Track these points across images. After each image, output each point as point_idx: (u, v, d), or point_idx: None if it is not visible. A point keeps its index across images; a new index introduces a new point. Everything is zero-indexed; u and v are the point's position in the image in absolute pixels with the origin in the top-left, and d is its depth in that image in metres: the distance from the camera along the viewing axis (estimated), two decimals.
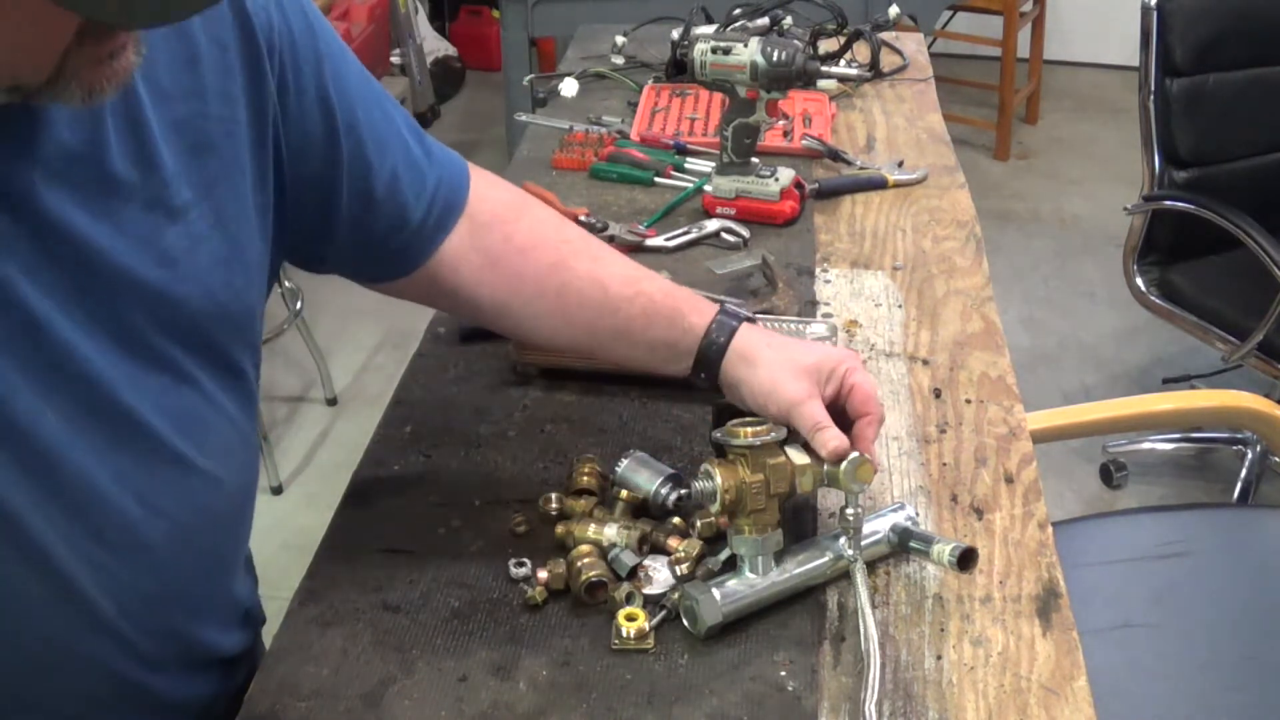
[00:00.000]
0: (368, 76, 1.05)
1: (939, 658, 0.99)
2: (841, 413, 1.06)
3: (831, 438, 1.03)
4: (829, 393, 1.06)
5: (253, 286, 0.97)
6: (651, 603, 1.03)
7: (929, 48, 2.46)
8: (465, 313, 1.21)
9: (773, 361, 1.08)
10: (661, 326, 1.12)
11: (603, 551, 1.06)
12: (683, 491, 1.09)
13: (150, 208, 0.86)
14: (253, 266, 0.96)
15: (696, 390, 1.13)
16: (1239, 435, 2.84)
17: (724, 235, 1.64)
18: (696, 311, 1.13)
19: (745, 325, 1.12)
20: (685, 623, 1.01)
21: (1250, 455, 2.78)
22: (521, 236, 1.14)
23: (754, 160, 1.69)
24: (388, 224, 1.07)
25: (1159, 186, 2.57)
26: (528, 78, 2.45)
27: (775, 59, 1.59)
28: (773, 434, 1.02)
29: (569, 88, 2.11)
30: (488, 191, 1.15)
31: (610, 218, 1.66)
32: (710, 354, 1.10)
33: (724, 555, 1.04)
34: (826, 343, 1.25)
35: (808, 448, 1.04)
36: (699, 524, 1.10)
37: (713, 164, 1.74)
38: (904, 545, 1.07)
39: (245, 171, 0.93)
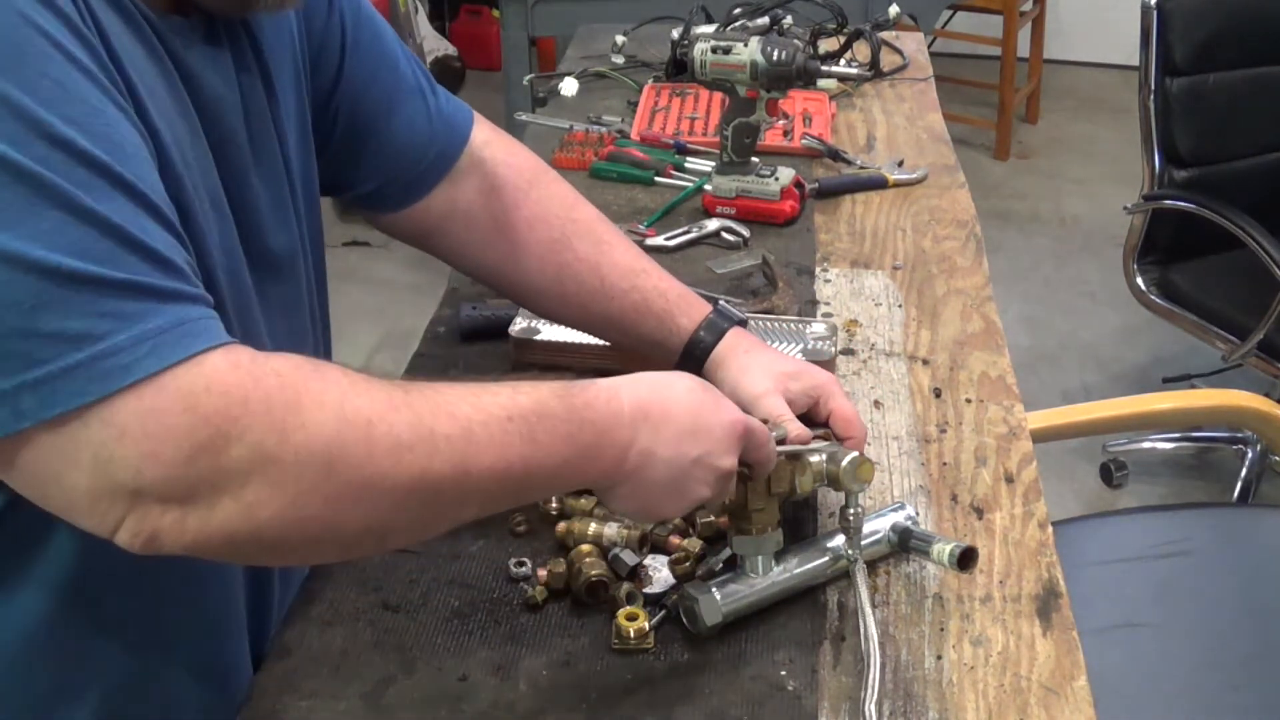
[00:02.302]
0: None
1: (939, 658, 0.99)
2: (826, 437, 1.09)
3: (791, 428, 1.06)
4: (800, 402, 1.10)
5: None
6: (651, 603, 1.03)
7: (929, 47, 2.46)
8: (469, 269, 1.24)
9: (745, 365, 1.12)
10: (651, 325, 1.16)
11: (603, 551, 1.06)
12: None
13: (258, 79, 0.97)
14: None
15: None
16: (1239, 435, 2.84)
17: (724, 235, 1.64)
18: (687, 314, 1.16)
19: (734, 330, 1.15)
20: (685, 623, 1.01)
21: (1250, 455, 2.77)
22: (530, 207, 1.17)
23: (754, 160, 1.69)
24: (389, 131, 1.12)
25: (1159, 186, 2.57)
26: (528, 77, 2.45)
27: (775, 58, 1.59)
28: (774, 434, 1.02)
29: (569, 87, 2.11)
30: (506, 156, 1.19)
31: (610, 217, 1.63)
32: (695, 354, 1.14)
33: (724, 555, 1.04)
34: (811, 363, 1.26)
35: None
36: (699, 524, 1.10)
37: (713, 163, 1.74)
38: (904, 545, 1.07)
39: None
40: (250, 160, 0.95)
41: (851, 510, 1.02)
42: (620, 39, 2.23)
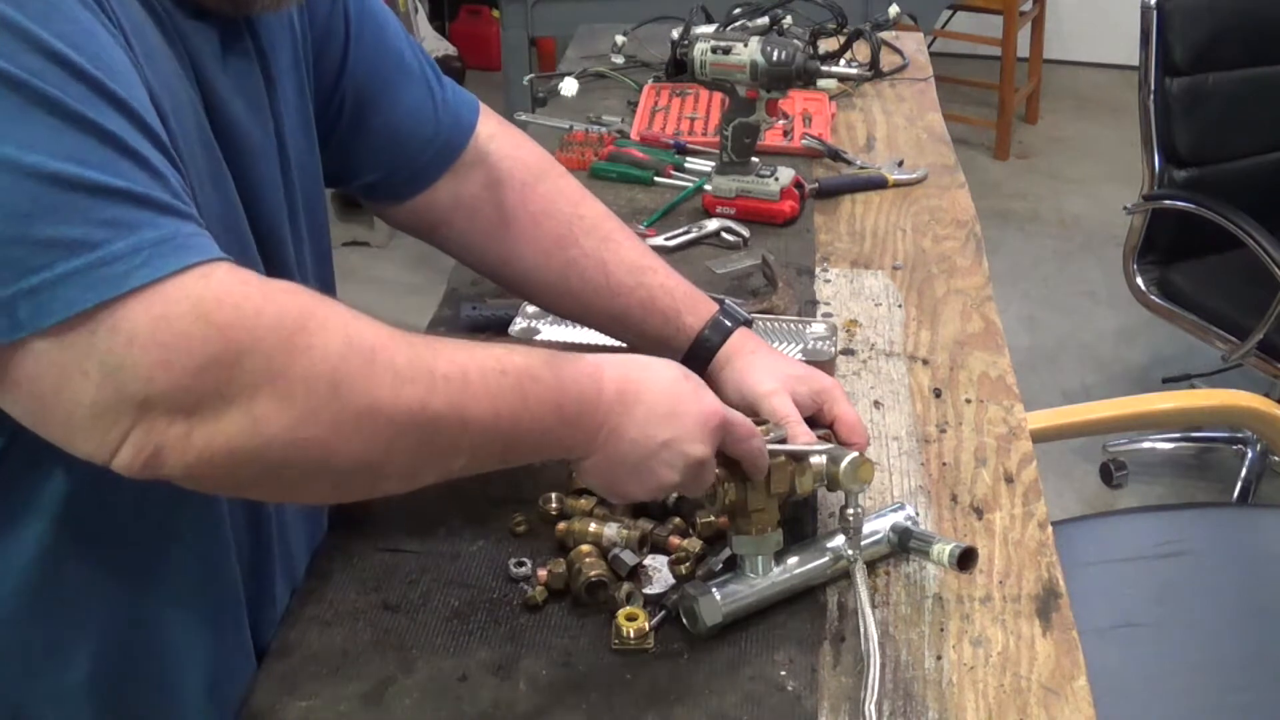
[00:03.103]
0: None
1: (939, 658, 0.99)
2: (827, 439, 1.09)
3: (799, 432, 1.06)
4: (806, 405, 1.10)
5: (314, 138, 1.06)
6: (651, 603, 1.03)
7: (929, 47, 2.46)
8: (473, 263, 1.23)
9: (751, 365, 1.12)
10: (656, 322, 1.16)
11: (603, 551, 1.06)
12: None
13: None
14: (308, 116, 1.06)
15: None
16: (1239, 435, 2.84)
17: (724, 235, 1.64)
18: (693, 311, 1.16)
19: (741, 330, 1.15)
20: (685, 623, 1.01)
21: (1250, 455, 2.77)
22: (536, 202, 1.17)
23: (754, 160, 1.69)
24: (393, 121, 1.12)
25: (1159, 186, 2.57)
26: (528, 77, 2.45)
27: (775, 58, 1.59)
28: (773, 434, 1.03)
29: (569, 87, 2.11)
30: (512, 149, 1.19)
31: None
32: (700, 353, 1.14)
33: (724, 555, 1.04)
34: (815, 368, 1.26)
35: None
36: (699, 524, 1.10)
37: (713, 163, 1.74)
38: (904, 545, 1.07)
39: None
40: (249, 141, 0.95)
41: (851, 510, 1.02)
42: (620, 39, 2.23)
